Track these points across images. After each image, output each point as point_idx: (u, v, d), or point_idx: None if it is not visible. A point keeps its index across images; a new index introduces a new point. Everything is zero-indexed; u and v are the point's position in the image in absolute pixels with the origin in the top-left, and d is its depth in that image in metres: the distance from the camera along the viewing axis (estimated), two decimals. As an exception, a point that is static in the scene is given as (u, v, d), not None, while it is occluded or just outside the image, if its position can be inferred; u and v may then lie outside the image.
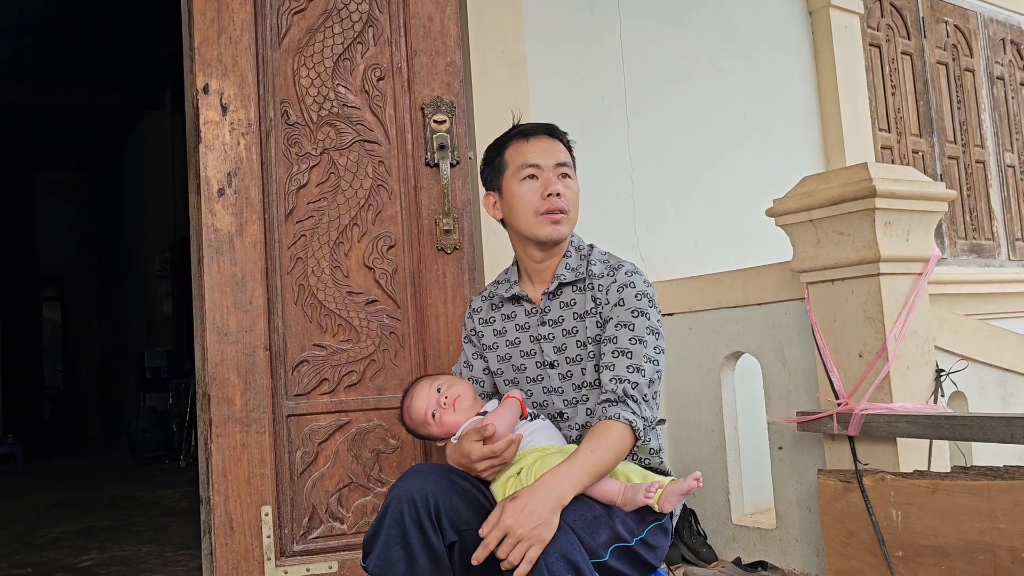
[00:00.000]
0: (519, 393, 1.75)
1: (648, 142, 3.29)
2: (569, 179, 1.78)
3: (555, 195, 1.73)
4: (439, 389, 1.77)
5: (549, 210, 1.73)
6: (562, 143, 1.82)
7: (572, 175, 1.80)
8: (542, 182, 1.75)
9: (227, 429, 2.20)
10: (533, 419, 1.73)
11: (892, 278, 2.33)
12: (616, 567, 1.55)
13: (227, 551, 2.18)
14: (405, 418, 1.82)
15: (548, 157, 1.77)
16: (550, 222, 1.74)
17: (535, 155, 1.77)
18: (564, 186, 1.75)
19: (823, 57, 3.91)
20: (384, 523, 1.55)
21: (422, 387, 1.80)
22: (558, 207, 1.73)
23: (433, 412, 1.74)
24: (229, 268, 2.24)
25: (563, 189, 1.75)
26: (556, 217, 1.74)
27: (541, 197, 1.74)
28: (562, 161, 1.78)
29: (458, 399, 1.74)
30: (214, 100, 2.26)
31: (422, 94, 2.41)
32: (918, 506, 2.17)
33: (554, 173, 1.76)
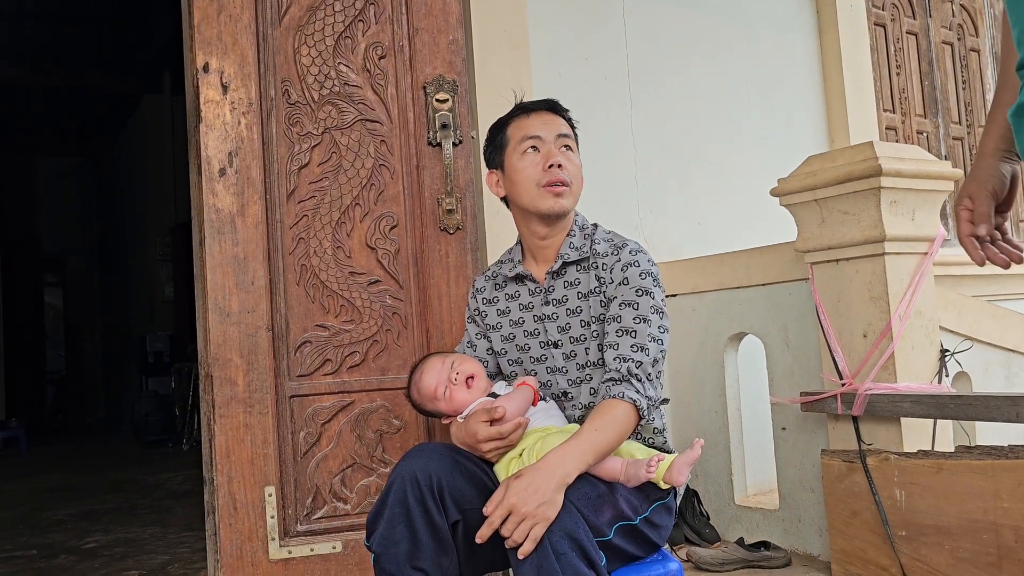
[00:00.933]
0: (533, 380, 1.73)
1: (651, 122, 3.27)
2: (571, 152, 1.76)
3: (556, 166, 1.72)
4: (452, 365, 1.76)
5: (551, 182, 1.72)
6: (564, 118, 1.81)
7: (574, 148, 1.78)
8: (543, 154, 1.73)
9: (230, 410, 2.19)
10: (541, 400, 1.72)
11: (897, 258, 2.32)
12: (620, 545, 1.55)
13: (231, 531, 2.18)
14: (413, 392, 1.81)
15: (549, 129, 1.76)
16: (552, 194, 1.72)
17: (536, 127, 1.76)
18: (566, 159, 1.74)
19: (827, 37, 3.88)
20: (387, 502, 1.54)
21: (434, 362, 1.79)
22: (559, 179, 1.72)
23: (444, 388, 1.73)
24: (231, 248, 2.23)
25: (565, 161, 1.73)
26: (558, 189, 1.72)
27: (543, 169, 1.73)
28: (563, 133, 1.76)
29: (470, 377, 1.73)
30: (214, 79, 2.24)
31: (424, 73, 2.39)
32: (922, 486, 2.17)
33: (555, 145, 1.74)
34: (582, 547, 1.39)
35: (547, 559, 1.37)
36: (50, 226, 10.67)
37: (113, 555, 3.35)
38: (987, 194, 1.19)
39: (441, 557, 1.54)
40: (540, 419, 1.67)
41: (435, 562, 1.53)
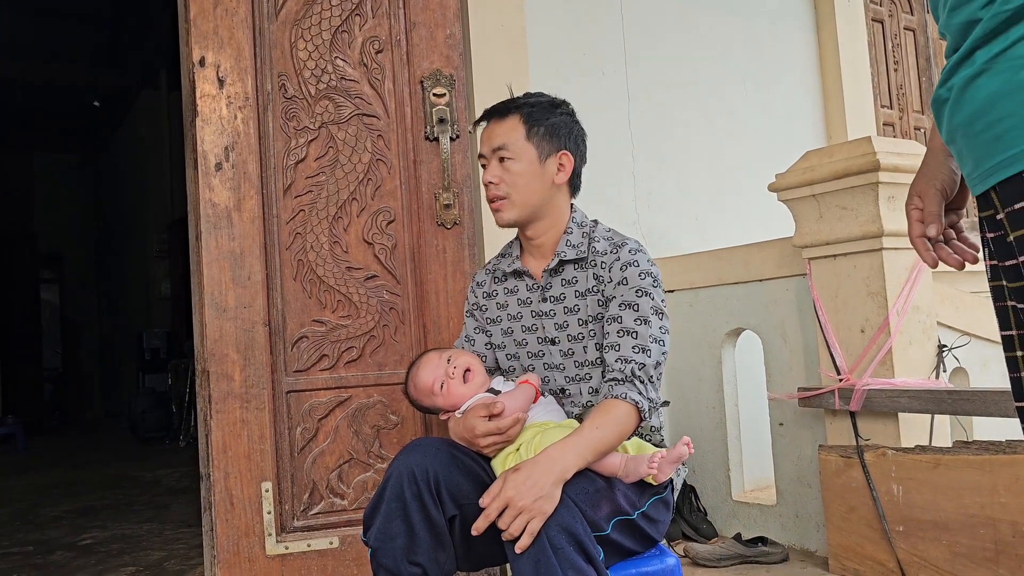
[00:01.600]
0: (536, 379, 1.73)
1: (649, 117, 3.26)
2: (509, 161, 1.72)
3: (489, 183, 1.73)
4: (449, 360, 1.75)
5: (489, 200, 1.75)
6: (505, 120, 1.74)
7: (515, 155, 1.71)
8: (486, 171, 1.75)
9: (226, 405, 2.19)
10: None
11: (895, 253, 2.32)
12: (618, 540, 1.55)
13: (228, 527, 2.17)
14: (410, 388, 1.81)
15: (488, 145, 1.75)
16: (493, 210, 1.75)
17: (481, 145, 1.77)
18: (502, 171, 1.72)
19: (825, 32, 3.88)
20: (384, 497, 1.54)
21: (431, 357, 1.79)
22: (491, 195, 1.74)
23: (441, 383, 1.73)
24: (227, 243, 2.22)
25: (496, 175, 1.72)
26: (494, 205, 1.74)
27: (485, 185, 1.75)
28: (496, 146, 1.72)
29: (467, 372, 1.73)
30: (210, 73, 2.23)
31: (421, 67, 2.38)
32: (919, 481, 2.17)
33: (492, 159, 1.74)
34: (580, 542, 1.39)
35: (544, 554, 1.36)
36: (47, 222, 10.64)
37: (109, 551, 3.35)
38: (936, 192, 1.15)
39: (438, 552, 1.54)
40: (538, 414, 1.67)
41: (432, 557, 1.53)
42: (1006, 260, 0.97)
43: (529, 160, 1.72)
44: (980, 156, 0.95)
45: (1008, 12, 0.88)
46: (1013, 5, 0.88)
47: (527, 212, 1.73)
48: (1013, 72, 0.88)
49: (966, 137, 0.96)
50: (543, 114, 1.74)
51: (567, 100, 1.82)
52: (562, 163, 1.74)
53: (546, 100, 1.77)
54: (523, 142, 1.72)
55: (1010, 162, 0.90)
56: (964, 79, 0.95)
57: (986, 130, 0.93)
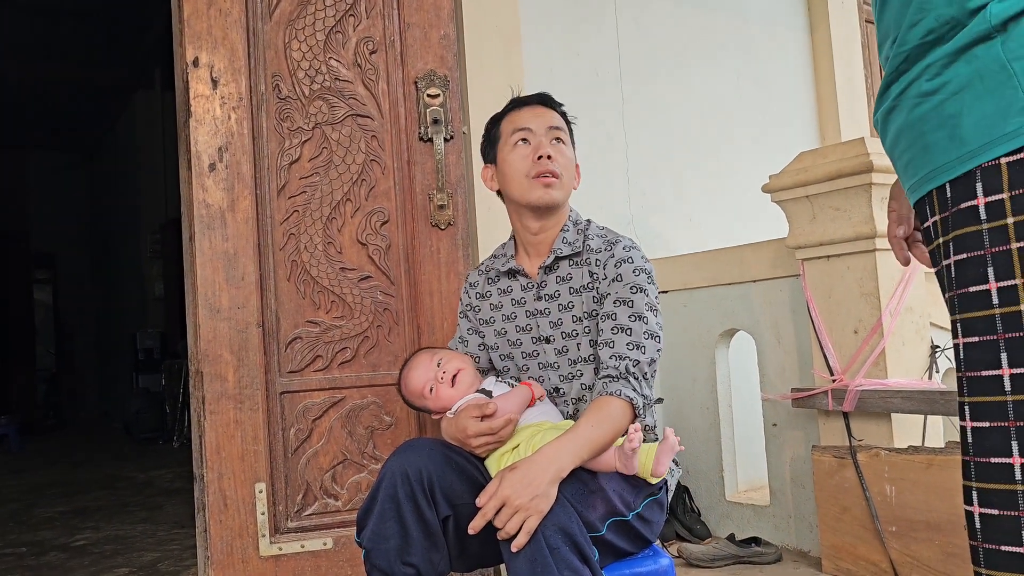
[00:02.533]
0: (539, 389, 1.71)
1: (643, 117, 3.27)
2: (563, 144, 1.76)
3: (546, 157, 1.71)
4: (439, 363, 1.75)
5: (540, 172, 1.71)
6: (557, 112, 1.81)
7: (567, 141, 1.78)
8: (533, 146, 1.74)
9: (220, 406, 2.18)
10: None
11: (888, 254, 2.32)
12: (613, 541, 1.55)
13: (221, 528, 2.17)
14: (402, 389, 1.82)
15: (540, 122, 1.76)
16: (542, 185, 1.71)
17: (526, 120, 1.76)
18: (556, 151, 1.73)
19: (819, 34, 3.89)
20: (378, 498, 1.54)
21: (421, 359, 1.79)
22: (549, 169, 1.71)
23: (430, 387, 1.73)
24: (221, 244, 2.22)
25: (555, 152, 1.73)
26: (547, 180, 1.71)
27: (532, 160, 1.72)
28: (555, 125, 1.76)
29: (457, 374, 1.73)
30: (204, 73, 2.23)
31: (415, 68, 2.38)
32: (912, 481, 2.17)
33: (547, 137, 1.74)
34: (575, 542, 1.39)
35: (541, 553, 1.36)
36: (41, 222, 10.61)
37: (103, 552, 3.34)
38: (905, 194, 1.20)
39: (432, 552, 1.54)
40: (535, 415, 1.67)
41: (426, 558, 1.53)
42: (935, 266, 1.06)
43: (572, 152, 1.79)
44: (901, 179, 1.06)
45: (905, 52, 0.98)
46: (907, 47, 0.97)
47: (564, 199, 1.77)
48: (909, 111, 0.98)
49: (892, 161, 1.07)
50: (570, 126, 1.84)
51: None
52: (578, 171, 1.83)
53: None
54: (568, 136, 1.80)
55: (915, 188, 1.00)
56: (883, 113, 1.05)
57: (899, 158, 1.03)
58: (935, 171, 0.96)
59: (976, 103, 0.91)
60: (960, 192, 0.93)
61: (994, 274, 0.90)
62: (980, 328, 0.93)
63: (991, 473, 0.91)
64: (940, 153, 0.95)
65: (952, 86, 0.93)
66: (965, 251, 0.93)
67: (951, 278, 0.96)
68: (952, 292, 0.97)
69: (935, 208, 0.98)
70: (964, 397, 0.95)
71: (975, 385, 0.93)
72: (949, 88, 0.93)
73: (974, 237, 0.92)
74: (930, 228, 1.01)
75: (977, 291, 0.93)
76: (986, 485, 0.92)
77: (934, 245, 1.01)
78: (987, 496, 0.92)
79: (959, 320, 0.95)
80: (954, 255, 0.95)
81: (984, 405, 0.92)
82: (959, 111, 0.92)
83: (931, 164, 0.96)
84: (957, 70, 0.93)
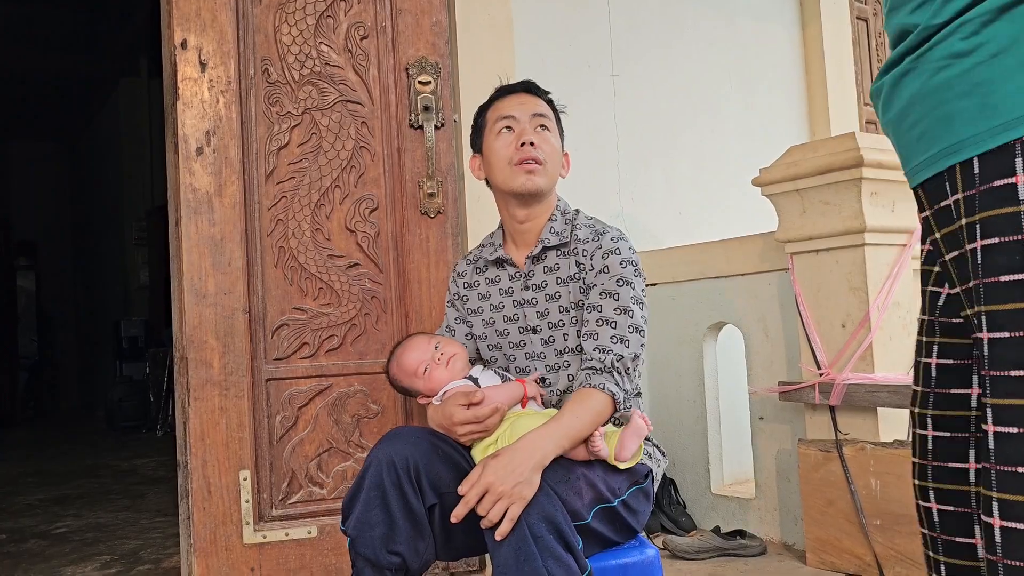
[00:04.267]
0: (533, 389, 1.70)
1: (634, 110, 3.26)
2: (547, 131, 1.74)
3: (529, 144, 1.70)
4: (437, 346, 1.75)
5: (523, 159, 1.70)
6: (543, 99, 1.79)
7: (552, 128, 1.77)
8: (517, 133, 1.73)
9: (205, 392, 2.16)
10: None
11: (877, 248, 2.33)
12: (598, 530, 1.54)
13: (205, 515, 2.15)
14: (392, 367, 1.80)
15: (523, 109, 1.75)
16: (524, 171, 1.70)
17: (510, 107, 1.76)
18: (540, 137, 1.72)
19: (810, 30, 3.89)
20: (363, 486, 1.52)
21: (419, 340, 1.80)
22: (531, 156, 1.70)
23: (425, 367, 1.72)
24: (207, 229, 2.19)
25: (538, 139, 1.72)
26: (530, 167, 1.70)
27: (515, 147, 1.72)
28: (539, 112, 1.75)
29: (452, 358, 1.72)
30: (192, 56, 2.20)
31: (407, 54, 2.36)
32: (897, 476, 2.18)
33: (530, 124, 1.73)
34: (560, 530, 1.38)
35: (525, 542, 1.35)
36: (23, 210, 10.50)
37: (84, 540, 3.31)
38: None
39: (418, 541, 1.53)
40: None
41: (411, 546, 1.52)
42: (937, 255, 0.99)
43: (557, 140, 1.78)
44: (907, 154, 0.97)
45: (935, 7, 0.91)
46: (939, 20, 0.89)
47: (549, 186, 1.76)
48: (930, 75, 0.90)
49: (896, 134, 0.98)
50: (558, 114, 1.82)
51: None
52: (566, 160, 1.83)
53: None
54: (555, 123, 1.79)
55: (931, 162, 0.92)
56: (894, 77, 0.97)
57: (910, 129, 0.94)
58: (960, 143, 0.87)
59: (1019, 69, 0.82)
60: (992, 168, 0.84)
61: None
62: (1011, 322, 0.83)
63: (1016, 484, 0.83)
64: (966, 124, 0.86)
65: (990, 47, 0.84)
66: (997, 235, 0.84)
67: (976, 264, 0.87)
68: (977, 280, 0.87)
69: (957, 185, 0.89)
70: (988, 399, 0.86)
71: (1002, 385, 0.85)
72: (986, 50, 0.84)
73: (1009, 220, 0.83)
74: (949, 207, 0.91)
75: (1010, 281, 0.84)
76: (1010, 496, 0.83)
77: (953, 227, 0.92)
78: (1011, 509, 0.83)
79: (984, 313, 0.86)
80: (981, 239, 0.86)
81: (1012, 409, 0.84)
82: (994, 77, 0.84)
83: (954, 136, 0.88)
84: (998, 29, 0.84)
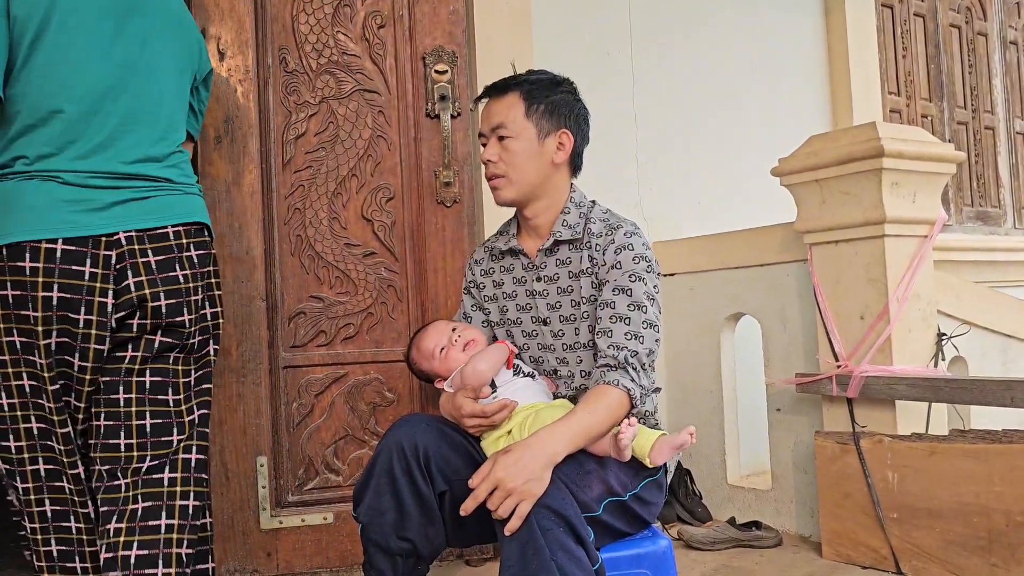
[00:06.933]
0: (512, 347, 1.75)
1: (653, 99, 3.24)
2: (507, 140, 1.69)
3: (487, 162, 1.71)
4: (454, 329, 1.80)
5: (487, 178, 1.73)
6: (507, 97, 1.71)
7: (513, 133, 1.69)
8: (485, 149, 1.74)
9: (223, 379, 2.19)
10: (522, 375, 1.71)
11: (897, 240, 2.30)
12: (609, 522, 1.54)
13: (223, 500, 2.18)
14: (412, 350, 1.85)
15: (488, 123, 1.72)
16: (492, 188, 1.73)
17: (481, 123, 1.75)
18: (500, 149, 1.69)
19: (834, 16, 3.84)
20: (374, 472, 1.54)
21: (439, 324, 1.85)
22: (489, 174, 1.72)
23: (442, 348, 1.76)
24: (225, 217, 2.21)
25: (495, 154, 1.70)
26: (492, 183, 1.73)
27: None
28: (495, 124, 1.70)
29: (470, 343, 1.76)
30: (211, 45, 2.21)
31: (423, 43, 2.36)
32: (914, 469, 2.16)
33: (491, 137, 1.71)
34: (570, 523, 1.38)
35: (532, 535, 1.35)
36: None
37: (107, 523, 3.36)
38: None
39: (428, 527, 1.54)
40: (528, 395, 1.66)
41: (422, 532, 1.53)
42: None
43: (527, 139, 1.69)
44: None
45: None
46: None
47: (525, 191, 1.71)
48: None
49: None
50: (543, 91, 1.71)
51: (570, 78, 1.79)
52: (562, 142, 1.71)
53: (547, 78, 1.74)
54: (522, 120, 1.69)
55: None
56: None
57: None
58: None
59: None
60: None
61: None
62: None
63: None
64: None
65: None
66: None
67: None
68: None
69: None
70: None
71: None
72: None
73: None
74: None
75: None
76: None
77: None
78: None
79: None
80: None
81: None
82: None
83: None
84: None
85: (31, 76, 1.50)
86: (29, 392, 1.54)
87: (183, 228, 1.61)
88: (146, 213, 1.57)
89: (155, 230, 1.57)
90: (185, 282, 1.60)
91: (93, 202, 1.52)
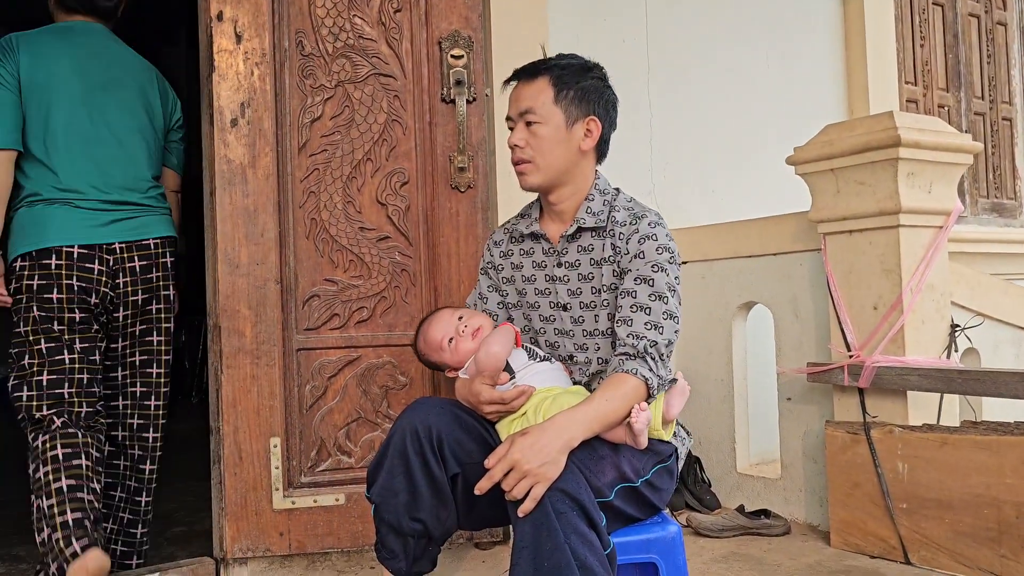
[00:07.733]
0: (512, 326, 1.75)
1: (668, 86, 3.22)
2: (535, 125, 1.69)
3: (514, 147, 1.71)
4: (460, 318, 1.78)
5: (513, 163, 1.73)
6: (539, 79, 1.70)
7: (542, 119, 1.68)
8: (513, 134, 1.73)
9: (237, 361, 2.21)
10: (538, 360, 1.71)
11: (912, 230, 2.30)
12: (621, 507, 1.55)
13: (236, 480, 2.20)
14: (419, 342, 1.83)
15: (515, 107, 1.71)
16: (517, 173, 1.73)
17: (509, 107, 1.74)
18: (528, 134, 1.69)
19: (852, 5, 3.81)
20: (387, 453, 1.55)
21: (443, 314, 1.82)
22: (515, 159, 1.71)
23: (450, 339, 1.75)
24: (241, 200, 2.22)
25: (522, 139, 1.69)
26: (518, 168, 1.72)
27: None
28: (524, 109, 1.69)
29: (478, 331, 1.75)
30: (228, 28, 2.22)
31: (439, 28, 2.36)
32: (925, 459, 2.16)
33: (519, 122, 1.71)
34: (583, 507, 1.39)
35: (546, 517, 1.37)
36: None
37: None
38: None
39: (440, 509, 1.55)
40: (545, 380, 1.67)
41: (434, 514, 1.55)
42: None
43: (556, 125, 1.68)
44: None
45: None
46: None
47: (551, 177, 1.71)
48: None
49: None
50: (573, 77, 1.70)
51: (600, 64, 1.78)
52: (589, 129, 1.71)
53: (578, 63, 1.73)
54: (551, 105, 1.68)
55: None
56: None
57: None
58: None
59: None
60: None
61: None
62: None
63: None
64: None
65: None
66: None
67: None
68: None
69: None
70: None
71: None
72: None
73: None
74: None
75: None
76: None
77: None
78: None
79: None
80: None
81: None
82: None
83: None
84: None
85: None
86: (47, 353, 2.09)
87: (161, 240, 2.27)
88: (132, 229, 2.19)
89: (141, 242, 2.21)
90: (157, 281, 2.28)
91: (98, 220, 2.14)
